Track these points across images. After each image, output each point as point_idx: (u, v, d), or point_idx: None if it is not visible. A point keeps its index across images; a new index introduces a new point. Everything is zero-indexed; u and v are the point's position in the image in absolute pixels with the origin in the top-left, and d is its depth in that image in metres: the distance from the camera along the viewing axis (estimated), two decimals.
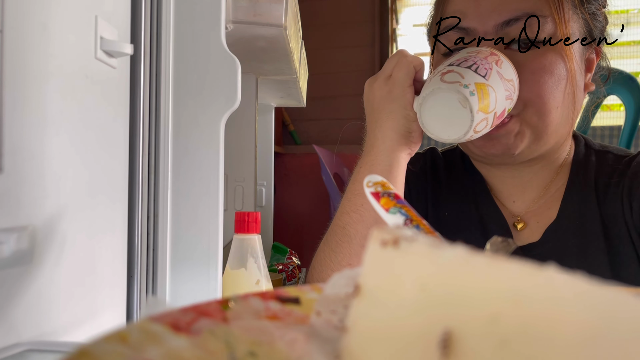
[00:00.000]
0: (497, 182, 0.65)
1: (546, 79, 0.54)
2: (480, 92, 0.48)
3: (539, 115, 0.55)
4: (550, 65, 0.54)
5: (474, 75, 0.49)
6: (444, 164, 0.70)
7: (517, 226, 0.62)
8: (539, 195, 0.63)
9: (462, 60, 0.51)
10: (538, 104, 0.54)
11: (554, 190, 0.62)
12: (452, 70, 0.50)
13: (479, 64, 0.50)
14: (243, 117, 1.13)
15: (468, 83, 0.48)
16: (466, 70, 0.49)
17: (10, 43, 0.32)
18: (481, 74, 0.49)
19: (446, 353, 0.16)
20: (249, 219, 0.57)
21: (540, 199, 0.63)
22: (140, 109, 0.50)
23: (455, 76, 0.49)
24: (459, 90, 0.48)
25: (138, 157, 0.50)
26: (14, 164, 0.33)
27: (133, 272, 0.49)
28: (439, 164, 0.70)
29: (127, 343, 0.18)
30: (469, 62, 0.50)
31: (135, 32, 0.50)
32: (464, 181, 0.67)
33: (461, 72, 0.49)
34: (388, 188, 0.34)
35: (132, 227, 0.50)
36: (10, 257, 0.32)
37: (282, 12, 0.73)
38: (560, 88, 0.55)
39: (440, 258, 0.17)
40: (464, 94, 0.48)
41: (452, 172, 0.69)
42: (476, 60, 0.50)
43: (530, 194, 0.63)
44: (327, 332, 0.21)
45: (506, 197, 0.64)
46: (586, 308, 0.14)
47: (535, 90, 0.54)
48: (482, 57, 0.51)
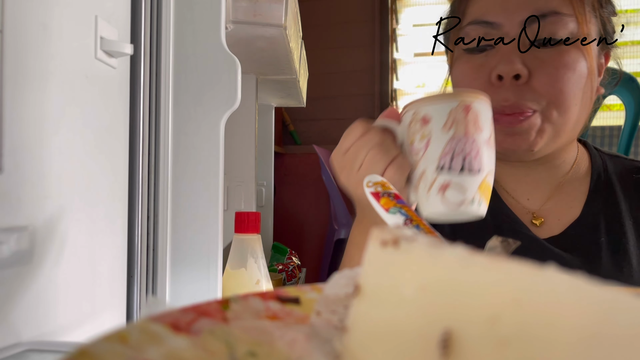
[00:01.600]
0: (510, 180, 0.65)
1: (569, 75, 0.54)
2: (484, 191, 0.44)
3: (559, 111, 0.55)
4: (572, 63, 0.54)
5: (473, 179, 0.43)
6: None
7: (536, 222, 0.62)
8: (552, 193, 0.64)
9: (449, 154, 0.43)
10: (560, 100, 0.55)
11: (571, 190, 0.63)
12: (449, 182, 0.43)
13: (467, 151, 0.43)
14: (243, 117, 1.13)
15: (472, 196, 0.43)
16: (462, 176, 0.43)
17: (10, 43, 0.32)
18: (475, 168, 0.43)
19: (446, 353, 0.16)
20: (249, 219, 0.57)
21: (554, 197, 0.64)
22: (140, 109, 0.50)
23: (456, 193, 0.43)
24: (467, 211, 0.43)
25: (138, 157, 0.50)
26: (14, 164, 0.33)
27: (133, 272, 0.49)
28: None
29: (127, 343, 0.18)
30: (458, 155, 0.43)
31: (135, 32, 0.50)
32: None
33: (460, 182, 0.43)
34: (388, 188, 0.34)
35: (132, 227, 0.50)
36: (10, 257, 0.32)
37: (282, 12, 0.73)
38: (580, 86, 0.56)
39: (440, 258, 0.17)
40: (473, 213, 0.44)
41: None
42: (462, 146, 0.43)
43: (543, 192, 0.64)
44: (327, 332, 0.21)
45: (520, 195, 0.65)
46: (586, 308, 0.14)
47: (558, 87, 0.54)
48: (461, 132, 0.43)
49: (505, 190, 0.66)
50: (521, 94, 0.54)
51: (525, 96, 0.54)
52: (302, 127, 2.52)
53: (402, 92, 2.49)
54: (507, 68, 0.53)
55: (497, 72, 0.54)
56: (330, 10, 2.49)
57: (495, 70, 0.55)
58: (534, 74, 0.54)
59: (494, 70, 0.55)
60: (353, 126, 0.50)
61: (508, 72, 0.54)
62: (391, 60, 2.46)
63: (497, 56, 0.56)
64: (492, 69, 0.56)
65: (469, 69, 0.58)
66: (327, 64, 2.46)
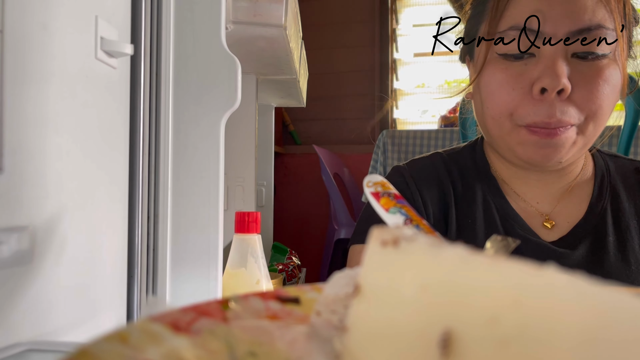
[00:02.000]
0: (520, 183, 0.65)
1: (608, 90, 0.54)
2: None
3: (595, 125, 0.56)
4: (610, 77, 0.55)
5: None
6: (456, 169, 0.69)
7: (547, 225, 0.63)
8: (562, 196, 0.64)
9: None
10: (598, 114, 0.55)
11: (578, 192, 0.64)
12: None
13: None
14: (243, 117, 1.13)
15: None
16: None
17: (10, 43, 0.32)
18: None
19: (446, 353, 0.16)
20: (249, 219, 0.57)
21: (563, 200, 0.64)
22: (141, 109, 0.50)
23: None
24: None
25: (138, 157, 0.50)
26: (14, 164, 0.33)
27: (133, 272, 0.49)
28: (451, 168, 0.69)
29: (127, 343, 0.18)
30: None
31: (136, 32, 0.50)
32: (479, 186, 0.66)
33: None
34: (388, 188, 0.34)
35: (132, 227, 0.50)
36: (10, 257, 0.32)
37: (282, 12, 0.73)
38: (614, 99, 0.56)
39: (440, 258, 0.17)
40: None
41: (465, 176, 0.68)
42: None
43: (554, 196, 0.64)
44: (327, 332, 0.21)
45: (531, 198, 0.65)
46: (586, 308, 0.14)
47: (598, 102, 0.54)
48: None
49: (515, 193, 0.65)
50: (563, 109, 0.54)
51: (567, 111, 0.54)
52: (302, 127, 2.52)
53: (402, 92, 2.49)
54: (554, 83, 0.52)
55: (542, 85, 0.53)
56: (330, 10, 2.49)
57: (540, 82, 0.53)
58: (575, 88, 0.54)
59: (538, 82, 0.54)
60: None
61: (554, 87, 0.53)
62: (391, 61, 2.46)
63: (539, 66, 0.54)
64: (534, 80, 0.54)
65: (507, 77, 0.56)
66: (327, 64, 2.46)
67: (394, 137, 1.84)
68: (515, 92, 0.56)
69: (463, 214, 0.65)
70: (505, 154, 0.63)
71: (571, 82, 0.53)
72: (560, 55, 0.54)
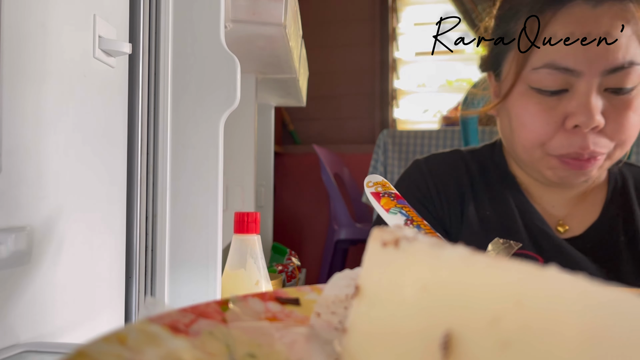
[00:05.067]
0: (537, 189, 0.67)
1: (637, 121, 0.57)
2: None
3: (622, 150, 0.58)
4: (638, 108, 0.56)
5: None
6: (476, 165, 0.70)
7: (561, 229, 0.65)
8: (576, 201, 0.66)
9: None
10: (627, 143, 0.58)
11: (591, 197, 0.66)
12: None
13: None
14: (243, 117, 1.12)
15: None
16: None
17: (8, 42, 0.32)
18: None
19: (447, 354, 0.16)
20: (248, 219, 0.57)
21: (577, 204, 0.66)
22: (139, 109, 0.50)
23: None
24: None
25: (137, 156, 0.50)
26: (11, 164, 0.32)
27: (131, 272, 0.49)
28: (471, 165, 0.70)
29: (126, 344, 0.18)
30: None
31: (134, 31, 0.49)
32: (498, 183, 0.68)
33: None
34: (389, 188, 0.34)
35: (131, 227, 0.49)
36: (8, 258, 0.32)
37: (282, 10, 0.73)
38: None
39: (441, 258, 0.17)
40: None
41: (485, 173, 0.69)
42: None
43: (569, 200, 0.66)
44: (327, 334, 0.21)
45: (546, 202, 0.67)
46: (588, 309, 0.14)
47: (627, 133, 0.56)
48: None
49: (532, 197, 0.67)
50: (596, 142, 0.56)
51: (600, 143, 0.56)
52: (302, 127, 2.52)
53: (403, 91, 2.49)
54: (589, 121, 0.54)
55: (576, 122, 0.55)
56: (330, 9, 2.49)
57: (573, 119, 0.55)
58: (607, 121, 0.55)
59: (571, 118, 0.55)
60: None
61: (588, 125, 0.54)
62: (391, 60, 2.46)
63: (572, 102, 0.55)
64: (567, 116, 0.56)
65: (540, 111, 0.57)
66: (327, 63, 2.46)
67: (394, 137, 1.84)
68: (549, 127, 0.57)
69: (482, 208, 0.66)
70: (532, 173, 0.65)
71: (604, 116, 0.55)
72: (594, 91, 0.55)
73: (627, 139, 0.57)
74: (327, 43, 2.47)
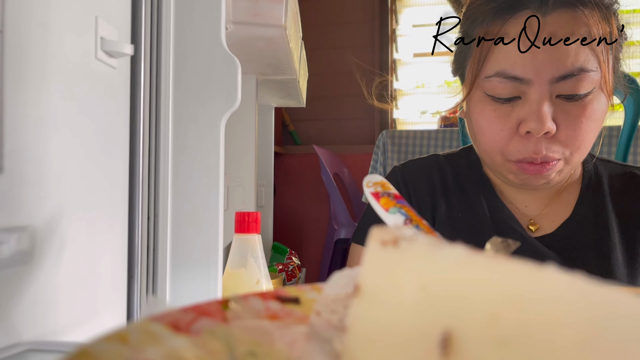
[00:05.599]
0: (509, 190, 0.69)
1: (591, 126, 0.57)
2: None
3: (580, 155, 0.59)
4: (595, 113, 0.57)
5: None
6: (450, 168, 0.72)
7: (532, 228, 0.66)
8: (549, 200, 0.67)
9: None
10: (582, 148, 0.58)
11: (566, 195, 0.67)
12: None
13: None
14: (243, 117, 1.12)
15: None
16: None
17: (10, 43, 0.32)
18: None
19: (446, 353, 0.16)
20: (249, 219, 0.57)
21: (550, 203, 0.67)
22: (141, 109, 0.50)
23: None
24: None
25: (138, 157, 0.50)
26: (14, 164, 0.33)
27: (133, 272, 0.49)
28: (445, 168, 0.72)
29: (127, 343, 0.18)
30: None
31: (136, 32, 0.50)
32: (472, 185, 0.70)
33: None
34: (388, 188, 0.34)
35: (133, 227, 0.50)
36: (10, 257, 0.32)
37: (282, 12, 0.73)
38: (599, 126, 0.59)
39: (440, 258, 0.17)
40: None
41: (460, 175, 0.71)
42: None
43: (542, 201, 0.67)
44: (327, 332, 0.21)
45: (519, 202, 0.68)
46: (586, 308, 0.14)
47: (581, 138, 0.57)
48: None
49: (505, 198, 0.68)
50: (549, 147, 0.57)
51: (553, 148, 0.57)
52: (302, 127, 2.52)
53: (402, 92, 2.49)
54: (539, 127, 0.55)
55: (527, 129, 0.56)
56: (330, 10, 2.49)
57: (525, 126, 0.56)
58: (560, 127, 0.56)
59: (524, 124, 0.56)
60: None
61: (539, 131, 0.55)
62: (391, 61, 2.46)
63: (524, 108, 0.57)
64: (520, 122, 0.57)
65: (496, 117, 0.59)
66: (327, 64, 2.46)
67: (394, 137, 1.84)
68: (504, 132, 0.59)
69: (452, 208, 0.68)
70: (498, 176, 0.67)
71: (556, 122, 0.56)
72: (545, 98, 0.56)
73: (580, 144, 0.58)
74: (327, 44, 2.47)
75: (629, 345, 0.14)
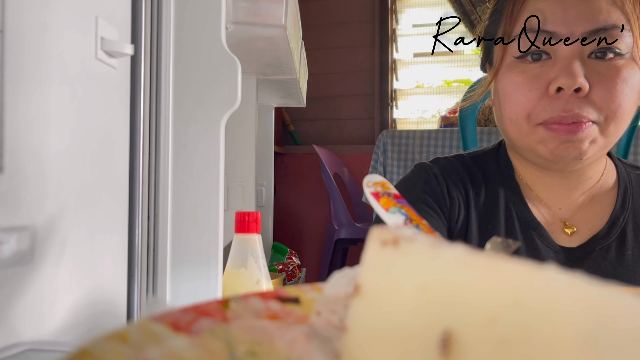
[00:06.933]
0: (543, 188, 0.66)
1: (627, 90, 0.55)
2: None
3: (616, 125, 0.56)
4: (629, 77, 0.55)
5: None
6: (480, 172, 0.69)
7: (568, 231, 0.63)
8: (583, 204, 0.65)
9: None
10: (618, 115, 0.55)
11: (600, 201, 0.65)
12: None
13: None
14: (243, 117, 1.13)
15: None
16: None
17: (11, 43, 0.32)
18: None
19: (446, 353, 0.16)
20: (249, 219, 0.57)
21: (585, 207, 0.65)
22: (141, 109, 0.50)
23: None
24: None
25: (138, 157, 0.50)
26: (14, 164, 0.33)
27: (133, 272, 0.49)
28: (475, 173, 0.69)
29: (128, 343, 0.18)
30: None
31: (136, 32, 0.50)
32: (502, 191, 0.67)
33: None
34: (388, 188, 0.34)
35: (133, 227, 0.50)
36: (10, 257, 0.32)
37: (282, 12, 0.73)
38: (634, 99, 0.57)
39: (440, 258, 0.17)
40: None
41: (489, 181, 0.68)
42: None
43: (575, 202, 0.65)
44: (327, 332, 0.21)
45: (553, 203, 0.65)
46: (586, 308, 0.14)
47: (617, 101, 0.55)
48: None
49: (538, 198, 0.66)
50: (581, 105, 0.54)
51: (585, 108, 0.54)
52: (302, 127, 2.52)
53: (402, 92, 2.49)
54: (570, 82, 0.53)
55: (558, 85, 0.54)
56: (330, 10, 2.49)
57: (556, 82, 0.54)
58: (593, 87, 0.54)
59: (554, 82, 0.54)
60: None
61: (570, 86, 0.53)
62: (391, 61, 2.46)
63: (555, 67, 0.55)
64: (550, 81, 0.55)
65: (524, 79, 0.57)
66: (327, 64, 2.46)
67: (394, 137, 1.84)
68: (532, 94, 0.56)
69: (484, 219, 0.65)
70: (527, 155, 0.63)
71: (589, 82, 0.54)
72: (577, 56, 0.54)
73: (617, 109, 0.55)
74: (327, 44, 2.47)
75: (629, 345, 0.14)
